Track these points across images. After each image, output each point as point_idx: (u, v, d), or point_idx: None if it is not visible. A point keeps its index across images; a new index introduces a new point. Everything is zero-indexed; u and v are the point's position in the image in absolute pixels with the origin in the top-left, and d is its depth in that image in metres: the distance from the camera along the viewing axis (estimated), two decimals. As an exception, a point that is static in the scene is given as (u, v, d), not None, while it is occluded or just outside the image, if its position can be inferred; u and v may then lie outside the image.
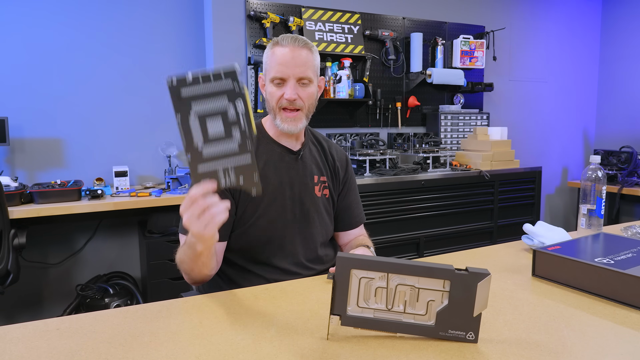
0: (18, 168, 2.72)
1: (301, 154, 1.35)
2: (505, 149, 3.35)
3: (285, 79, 1.24)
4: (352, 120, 3.38)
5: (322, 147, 1.43)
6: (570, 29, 4.34)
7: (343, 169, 1.45)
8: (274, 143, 1.33)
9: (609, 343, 0.82)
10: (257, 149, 1.29)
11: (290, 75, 1.23)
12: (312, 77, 1.26)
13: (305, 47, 1.25)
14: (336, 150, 1.47)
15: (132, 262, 3.04)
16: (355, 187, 1.51)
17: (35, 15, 2.69)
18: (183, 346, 0.80)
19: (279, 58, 1.23)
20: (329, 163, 1.42)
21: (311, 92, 1.27)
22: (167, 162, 2.93)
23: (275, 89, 1.25)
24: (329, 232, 1.42)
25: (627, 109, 4.27)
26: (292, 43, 1.23)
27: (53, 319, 0.92)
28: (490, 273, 0.80)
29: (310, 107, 1.29)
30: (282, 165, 1.32)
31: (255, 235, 1.27)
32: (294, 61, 1.22)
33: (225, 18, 2.93)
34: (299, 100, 1.25)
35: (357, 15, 3.31)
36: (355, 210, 1.48)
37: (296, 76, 1.23)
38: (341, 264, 0.81)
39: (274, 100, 1.26)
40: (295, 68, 1.23)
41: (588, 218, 1.49)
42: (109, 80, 2.89)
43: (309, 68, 1.25)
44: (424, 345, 0.81)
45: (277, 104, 1.26)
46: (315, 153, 1.40)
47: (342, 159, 1.46)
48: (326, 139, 1.49)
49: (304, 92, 1.25)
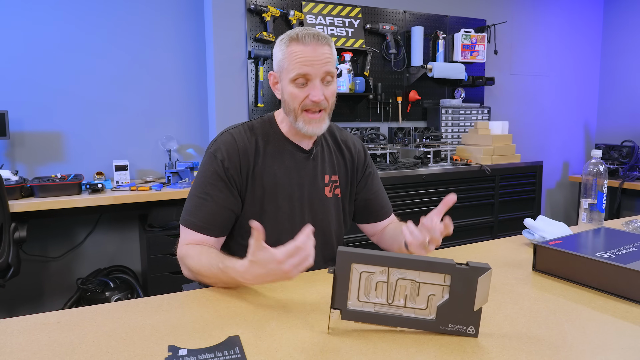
0: (18, 162, 2.72)
1: (313, 153, 1.30)
2: (506, 144, 3.35)
3: (310, 78, 1.16)
4: (352, 115, 3.37)
5: (337, 141, 1.38)
6: (571, 23, 4.31)
7: (362, 159, 1.40)
8: (286, 140, 1.27)
9: (610, 337, 0.82)
10: (266, 145, 1.26)
11: (316, 74, 1.16)
12: (334, 74, 1.21)
13: (327, 44, 1.18)
14: (352, 142, 1.41)
15: (133, 256, 3.05)
16: (378, 177, 1.46)
17: (36, 10, 2.68)
18: (184, 339, 0.80)
19: (300, 57, 1.15)
20: (345, 157, 1.37)
21: (334, 89, 1.22)
22: (168, 156, 2.92)
23: (297, 90, 1.18)
24: (340, 233, 1.38)
25: (629, 103, 4.26)
26: (315, 40, 1.15)
27: (54, 312, 0.92)
28: (490, 267, 0.80)
29: (332, 106, 1.24)
30: (292, 164, 1.27)
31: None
32: (320, 59, 1.15)
33: (225, 12, 2.91)
34: (324, 100, 1.19)
35: (357, 9, 3.29)
36: (382, 201, 1.43)
37: (322, 74, 1.17)
38: (342, 258, 0.80)
39: (296, 102, 1.18)
40: (320, 67, 1.16)
41: (589, 212, 1.49)
42: (109, 74, 2.88)
43: (333, 64, 1.19)
44: (425, 339, 0.81)
45: (299, 106, 1.19)
46: (328, 149, 1.35)
47: (359, 150, 1.41)
48: (341, 130, 1.43)
49: (328, 91, 1.20)
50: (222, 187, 1.19)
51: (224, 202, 1.19)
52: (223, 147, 1.21)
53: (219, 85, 2.93)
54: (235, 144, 1.22)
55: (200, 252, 1.12)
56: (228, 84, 2.96)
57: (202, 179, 1.21)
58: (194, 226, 1.18)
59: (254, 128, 1.27)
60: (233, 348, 0.77)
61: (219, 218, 1.19)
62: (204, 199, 1.19)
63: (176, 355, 0.75)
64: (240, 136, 1.24)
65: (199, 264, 1.09)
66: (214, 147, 1.23)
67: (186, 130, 3.12)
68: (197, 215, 1.18)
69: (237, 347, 0.77)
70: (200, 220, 1.17)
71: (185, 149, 3.13)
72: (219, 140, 1.24)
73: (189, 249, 1.15)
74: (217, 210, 1.19)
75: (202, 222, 1.17)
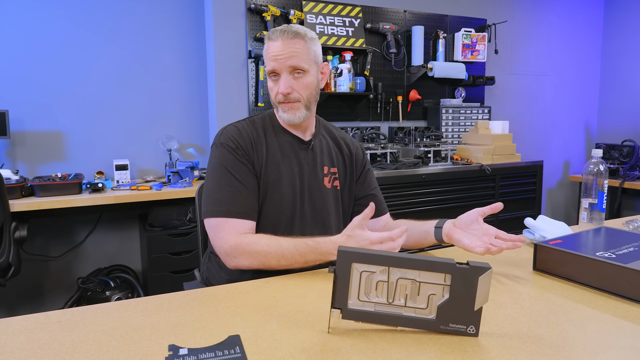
0: (19, 161, 2.72)
1: (312, 144, 1.34)
2: (507, 143, 3.34)
3: (278, 72, 1.23)
4: (353, 114, 3.37)
5: (335, 137, 1.43)
6: (572, 22, 4.31)
7: (360, 156, 1.45)
8: (285, 132, 1.32)
9: (610, 337, 0.82)
10: (267, 137, 1.30)
11: (281, 69, 1.22)
12: (305, 67, 1.23)
13: (296, 37, 1.22)
14: (351, 140, 1.47)
15: (133, 255, 3.05)
16: (374, 177, 1.50)
17: (37, 9, 2.68)
18: (184, 339, 0.80)
19: (270, 52, 1.22)
20: (344, 152, 1.41)
21: (308, 82, 1.25)
22: (168, 156, 2.92)
23: (272, 84, 1.26)
24: (339, 226, 1.39)
25: (630, 103, 4.26)
26: (281, 35, 1.21)
27: (54, 311, 0.92)
28: (491, 267, 0.80)
29: (309, 97, 1.27)
30: (292, 154, 1.31)
31: (262, 223, 1.26)
32: (284, 54, 1.21)
33: (226, 11, 2.91)
34: (294, 92, 1.24)
35: (358, 9, 3.29)
36: (378, 198, 1.47)
37: (288, 69, 1.22)
38: (342, 257, 0.80)
39: (272, 95, 1.27)
40: (285, 61, 1.21)
41: (589, 212, 1.49)
42: (110, 74, 2.88)
43: (301, 58, 1.22)
44: (425, 338, 0.81)
45: (275, 98, 1.27)
46: (326, 144, 1.39)
47: (357, 147, 1.46)
48: (338, 129, 1.48)
49: (298, 84, 1.24)
50: (246, 171, 1.23)
51: (254, 185, 1.23)
52: (231, 137, 1.26)
53: (219, 84, 2.93)
54: (240, 134, 1.27)
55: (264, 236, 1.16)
56: (228, 84, 2.96)
57: (223, 169, 1.23)
58: (237, 214, 1.19)
59: (254, 122, 1.33)
60: (233, 347, 0.77)
61: (254, 201, 1.23)
62: (235, 186, 1.21)
63: (177, 354, 0.75)
64: (244, 128, 1.29)
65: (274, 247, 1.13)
66: (222, 139, 1.27)
67: (187, 129, 3.12)
68: (235, 203, 1.20)
69: (238, 347, 0.77)
70: (240, 207, 1.20)
71: (186, 148, 3.13)
72: (225, 132, 1.28)
73: (246, 237, 1.17)
74: (251, 194, 1.22)
75: (243, 208, 1.20)
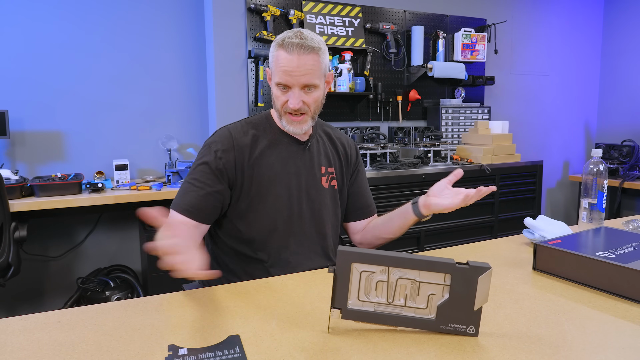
0: (18, 161, 2.72)
1: (309, 145, 1.34)
2: (507, 143, 3.34)
3: (290, 87, 1.21)
4: (352, 114, 3.36)
5: (331, 137, 1.43)
6: (572, 22, 4.31)
7: (354, 155, 1.46)
8: (281, 133, 1.32)
9: (610, 337, 0.82)
10: (263, 138, 1.30)
11: (294, 84, 1.20)
12: (317, 83, 1.22)
13: (312, 52, 1.18)
14: (346, 139, 1.48)
15: (133, 255, 3.05)
16: (366, 177, 1.51)
17: (36, 9, 2.68)
18: (184, 339, 0.80)
19: (283, 64, 1.18)
20: (339, 151, 1.42)
21: (317, 96, 1.24)
22: (168, 156, 2.92)
23: (279, 93, 1.23)
24: (337, 223, 1.41)
25: (629, 103, 4.26)
26: (298, 50, 1.17)
27: (54, 311, 0.93)
28: (491, 267, 0.80)
29: (316, 110, 1.27)
30: (288, 155, 1.31)
31: (259, 223, 1.27)
32: (299, 70, 1.18)
33: (226, 11, 2.91)
34: (304, 106, 1.23)
35: (357, 8, 3.29)
36: (369, 199, 1.48)
37: (301, 85, 1.20)
38: (342, 257, 0.80)
39: (278, 104, 1.25)
40: (300, 77, 1.18)
41: (589, 212, 1.49)
42: (109, 74, 2.88)
43: (315, 74, 1.20)
44: (425, 338, 0.81)
45: (282, 108, 1.25)
46: (323, 143, 1.40)
47: (352, 146, 1.48)
48: (334, 128, 1.49)
49: (309, 98, 1.22)
50: (212, 176, 1.23)
51: (212, 189, 1.22)
52: (219, 140, 1.26)
53: (219, 84, 2.93)
54: (231, 139, 1.26)
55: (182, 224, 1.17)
56: (228, 84, 2.96)
57: (195, 168, 1.26)
58: (178, 208, 1.20)
59: (251, 122, 1.33)
60: (233, 347, 0.77)
61: (204, 203, 1.22)
62: (192, 184, 1.23)
63: (176, 354, 0.75)
64: (237, 131, 1.29)
65: None
66: (211, 139, 1.28)
67: (186, 129, 3.12)
68: (184, 198, 1.22)
69: (237, 347, 0.77)
70: (185, 203, 1.21)
71: (186, 148, 3.13)
72: (216, 134, 1.29)
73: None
74: (204, 195, 1.21)
75: (187, 205, 1.20)
